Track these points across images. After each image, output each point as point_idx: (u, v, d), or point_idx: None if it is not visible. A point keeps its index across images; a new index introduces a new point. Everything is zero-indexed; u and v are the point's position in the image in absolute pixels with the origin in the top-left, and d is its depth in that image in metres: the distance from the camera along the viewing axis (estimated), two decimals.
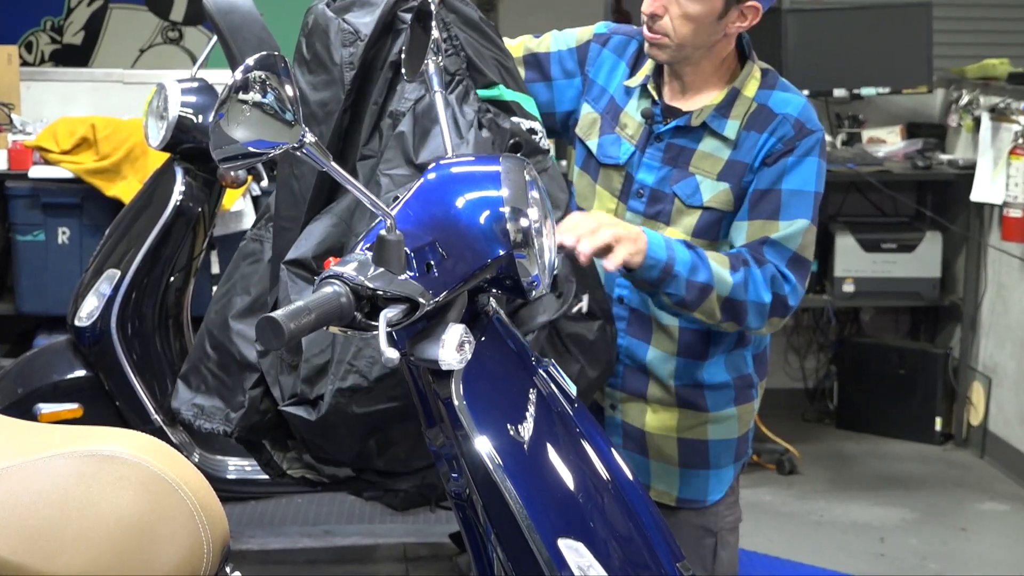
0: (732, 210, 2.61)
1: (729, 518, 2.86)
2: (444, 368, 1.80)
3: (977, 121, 5.38)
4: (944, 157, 5.58)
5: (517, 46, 2.80)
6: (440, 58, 2.24)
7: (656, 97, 2.68)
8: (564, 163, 4.53)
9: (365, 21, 2.51)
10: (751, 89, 2.64)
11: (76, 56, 6.71)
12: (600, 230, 2.35)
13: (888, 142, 5.70)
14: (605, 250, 2.36)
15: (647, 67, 2.71)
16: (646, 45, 2.64)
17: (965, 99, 5.53)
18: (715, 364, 2.71)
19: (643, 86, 2.70)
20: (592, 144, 2.73)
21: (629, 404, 2.75)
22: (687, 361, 2.70)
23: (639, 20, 2.65)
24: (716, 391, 2.72)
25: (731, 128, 2.61)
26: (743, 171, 2.60)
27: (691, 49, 2.59)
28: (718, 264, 2.51)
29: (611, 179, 2.72)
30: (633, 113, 2.70)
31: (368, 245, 1.77)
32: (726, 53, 2.65)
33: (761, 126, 2.60)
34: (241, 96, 1.63)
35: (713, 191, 2.61)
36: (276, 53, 1.68)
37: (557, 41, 2.81)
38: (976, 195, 5.26)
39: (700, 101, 2.65)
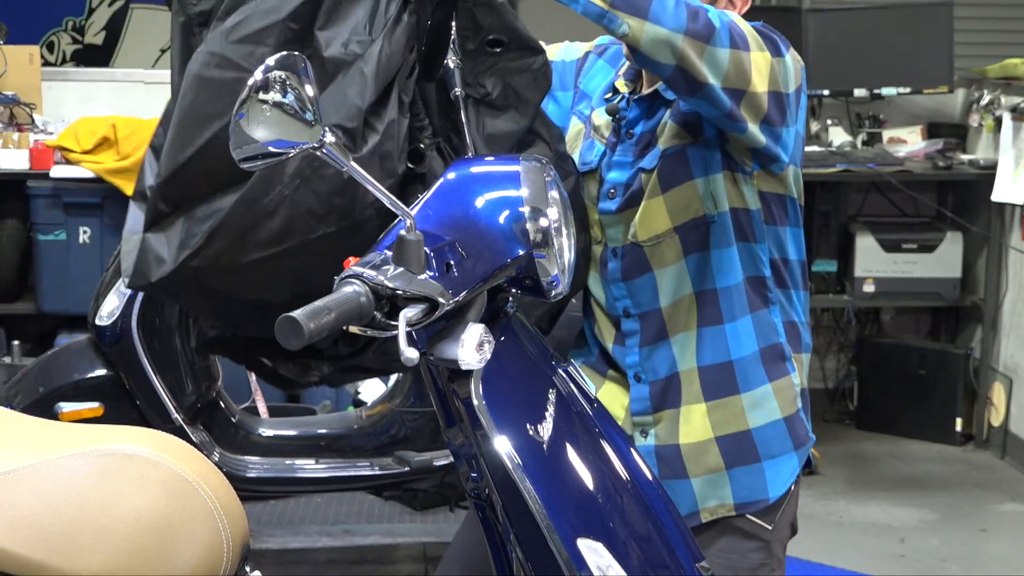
0: (689, 137, 2.37)
1: (783, 531, 2.50)
2: (463, 368, 1.80)
3: (998, 121, 5.36)
4: (965, 157, 5.57)
5: None
6: (459, 57, 2.24)
7: (625, 92, 2.49)
8: None
9: None
10: None
11: (97, 56, 6.73)
12: None
13: (909, 142, 5.68)
14: None
15: (623, 68, 2.54)
16: (623, 47, 2.34)
17: (986, 99, 5.52)
18: (739, 330, 2.43)
19: (612, 85, 2.54)
20: (576, 156, 2.53)
21: (661, 425, 2.46)
22: (708, 331, 2.42)
23: None
24: (745, 365, 2.44)
25: None
26: None
27: None
28: None
29: (589, 186, 2.50)
30: (602, 112, 2.52)
31: (388, 245, 1.77)
32: None
33: None
34: (261, 96, 1.63)
35: (665, 136, 2.39)
36: (296, 53, 1.68)
37: (563, 52, 2.69)
38: (997, 195, 5.24)
39: None
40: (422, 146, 2.23)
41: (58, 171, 4.85)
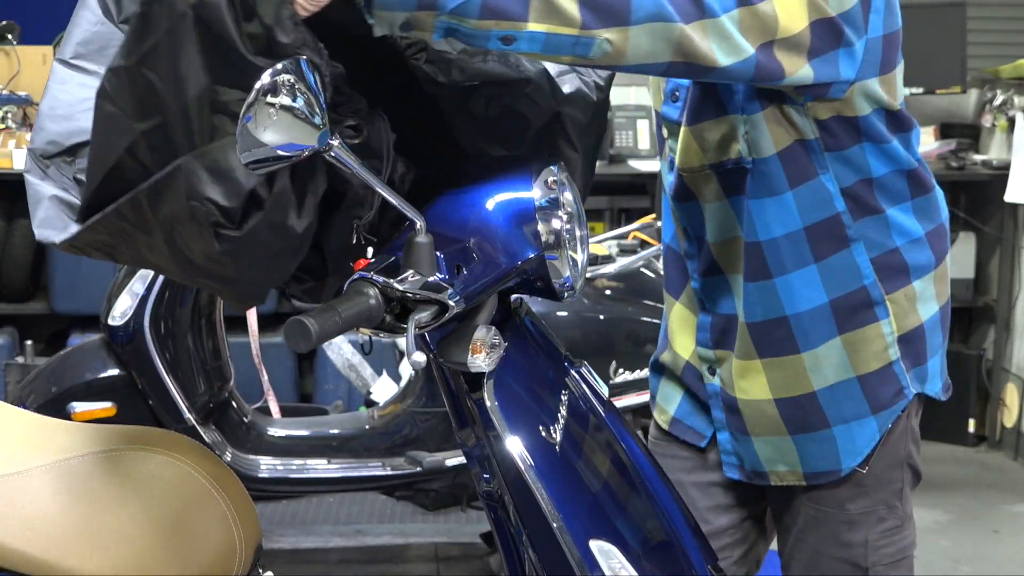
0: None
1: (887, 549, 2.23)
2: (474, 370, 1.80)
3: (1011, 121, 5.35)
4: (978, 158, 5.56)
5: None
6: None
7: None
8: None
9: None
10: None
11: None
12: None
13: (921, 142, 5.67)
14: None
15: None
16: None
17: (999, 99, 5.50)
18: (793, 283, 2.03)
19: None
20: None
21: (723, 367, 2.14)
22: (753, 287, 2.05)
23: None
24: (804, 320, 2.04)
25: None
26: None
27: None
28: None
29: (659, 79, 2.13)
30: None
31: (399, 247, 1.77)
32: None
33: None
34: (269, 99, 1.62)
35: None
36: (301, 57, 1.67)
37: None
38: (1010, 196, 5.23)
39: None
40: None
41: None
